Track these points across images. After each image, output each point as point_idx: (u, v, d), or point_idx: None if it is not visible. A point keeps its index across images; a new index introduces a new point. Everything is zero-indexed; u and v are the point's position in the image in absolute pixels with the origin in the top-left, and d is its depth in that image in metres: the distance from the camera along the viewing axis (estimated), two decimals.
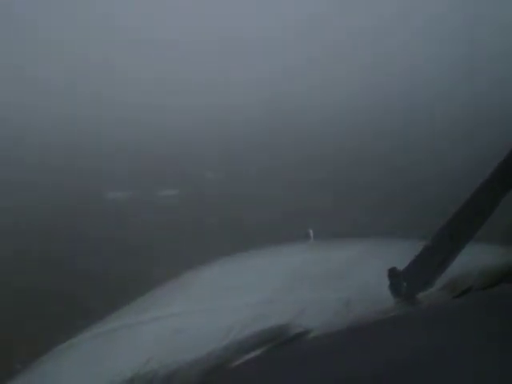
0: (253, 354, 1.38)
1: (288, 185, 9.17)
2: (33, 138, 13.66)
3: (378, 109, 14.84)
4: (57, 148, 12.99)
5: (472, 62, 17.80)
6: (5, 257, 6.52)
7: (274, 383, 1.24)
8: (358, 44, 20.74)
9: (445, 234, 1.53)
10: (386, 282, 1.56)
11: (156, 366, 1.39)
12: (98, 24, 21.97)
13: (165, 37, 20.42)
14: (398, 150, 10.97)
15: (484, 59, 18.22)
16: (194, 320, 1.84)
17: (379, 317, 1.44)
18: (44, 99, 16.23)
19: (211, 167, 10.97)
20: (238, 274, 2.43)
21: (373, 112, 14.46)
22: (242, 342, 1.44)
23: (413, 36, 20.72)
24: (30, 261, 6.66)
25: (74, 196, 9.31)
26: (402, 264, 1.54)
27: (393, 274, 1.57)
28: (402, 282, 1.53)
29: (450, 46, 19.47)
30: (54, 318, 5.07)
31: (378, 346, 1.26)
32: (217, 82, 17.29)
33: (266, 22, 21.80)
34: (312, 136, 12.34)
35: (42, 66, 18.65)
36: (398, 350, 1.22)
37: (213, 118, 14.61)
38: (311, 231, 3.39)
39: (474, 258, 1.82)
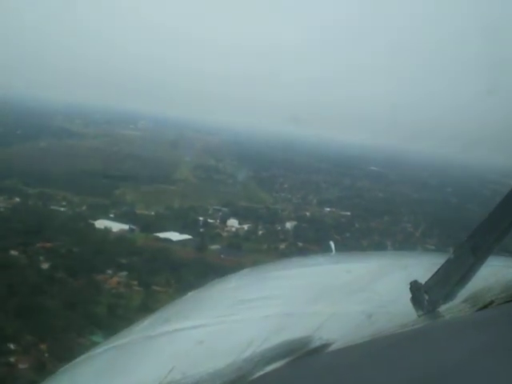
0: (274, 367, 1.58)
1: None
2: None
3: None
4: None
5: None
6: None
7: None
8: None
9: (467, 247, 1.65)
10: (407, 294, 1.71)
11: (178, 377, 1.61)
12: None
13: None
14: None
15: None
16: (216, 332, 1.90)
17: (401, 330, 1.63)
18: None
19: None
20: (259, 286, 2.43)
21: None
22: (264, 354, 1.65)
23: None
24: None
25: None
26: (423, 277, 1.71)
27: (415, 287, 1.71)
28: (423, 295, 1.68)
29: None
30: None
31: (400, 359, 1.36)
32: None
33: None
34: None
35: None
36: (419, 363, 1.29)
37: None
38: (333, 244, 3.55)
39: (496, 272, 1.94)
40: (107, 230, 51.22)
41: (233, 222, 60.63)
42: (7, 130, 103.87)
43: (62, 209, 58.44)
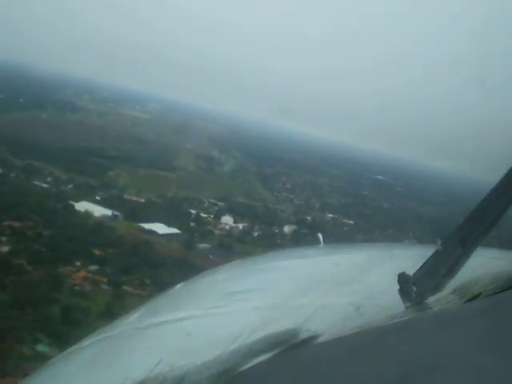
0: (261, 359, 1.59)
1: None
2: None
3: None
4: None
5: None
6: None
7: None
8: None
9: (455, 238, 1.66)
10: (396, 286, 1.70)
11: (166, 369, 1.61)
12: None
13: None
14: None
15: None
16: (204, 324, 1.91)
17: (389, 321, 1.63)
18: None
19: None
20: (248, 278, 2.41)
21: None
22: (251, 346, 1.65)
23: None
24: None
25: None
26: (412, 269, 1.70)
27: (403, 278, 1.71)
28: (411, 286, 1.68)
29: None
30: None
31: (387, 350, 1.38)
32: None
33: None
34: None
35: None
36: (407, 354, 1.30)
37: None
38: (321, 235, 3.64)
39: (484, 263, 1.96)
40: (87, 214, 45.57)
41: (227, 220, 55.16)
42: (9, 97, 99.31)
43: (45, 185, 53.11)
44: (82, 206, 47.00)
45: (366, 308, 1.81)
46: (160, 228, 46.21)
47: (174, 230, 47.04)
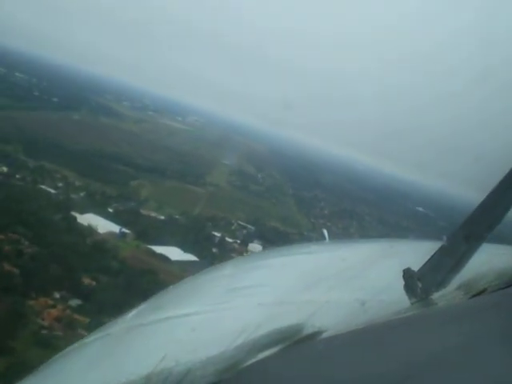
0: (266, 354, 1.58)
1: None
2: None
3: None
4: None
5: None
6: None
7: (287, 383, 1.37)
8: None
9: (460, 235, 1.65)
10: (401, 282, 1.69)
11: (171, 364, 1.59)
12: None
13: None
14: None
15: None
16: (209, 319, 1.89)
17: (394, 317, 1.63)
18: None
19: None
20: (253, 274, 2.37)
21: None
22: (256, 341, 1.63)
23: None
24: None
25: None
26: (417, 265, 1.69)
27: (408, 274, 1.70)
28: (417, 282, 1.67)
29: None
30: None
31: (392, 346, 1.39)
32: None
33: None
34: None
35: None
36: (412, 350, 1.31)
37: None
38: (326, 231, 4.54)
39: (489, 259, 1.92)
40: (90, 230, 37.84)
41: (255, 247, 46.88)
42: (43, 95, 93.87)
43: (53, 191, 45.83)
44: (86, 218, 39.44)
45: (371, 304, 1.77)
46: (174, 253, 38.21)
47: (191, 257, 38.98)
